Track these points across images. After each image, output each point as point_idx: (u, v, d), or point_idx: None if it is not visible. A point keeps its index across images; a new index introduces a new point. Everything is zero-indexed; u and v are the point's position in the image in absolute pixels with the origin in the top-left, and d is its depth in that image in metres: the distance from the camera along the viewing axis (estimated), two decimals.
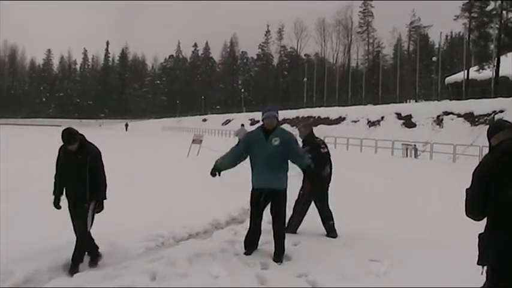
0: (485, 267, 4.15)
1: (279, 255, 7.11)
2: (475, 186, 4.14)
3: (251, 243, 7.45)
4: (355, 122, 54.18)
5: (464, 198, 4.33)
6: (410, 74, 78.01)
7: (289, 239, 8.14)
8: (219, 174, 7.52)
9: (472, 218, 4.26)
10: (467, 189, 4.34)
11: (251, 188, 7.44)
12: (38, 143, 38.60)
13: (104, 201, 6.72)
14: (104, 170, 6.74)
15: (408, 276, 6.41)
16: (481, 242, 4.15)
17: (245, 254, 7.31)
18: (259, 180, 7.34)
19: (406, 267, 6.77)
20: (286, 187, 7.38)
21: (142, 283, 6.01)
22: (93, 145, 6.77)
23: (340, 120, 57.75)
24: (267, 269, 6.69)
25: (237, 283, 6.01)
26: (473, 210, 4.19)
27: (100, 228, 8.24)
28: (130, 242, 7.85)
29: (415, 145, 33.99)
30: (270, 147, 7.21)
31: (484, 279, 4.19)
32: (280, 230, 7.31)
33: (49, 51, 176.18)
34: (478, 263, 4.17)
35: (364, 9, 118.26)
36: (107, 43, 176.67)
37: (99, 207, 6.73)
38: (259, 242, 7.55)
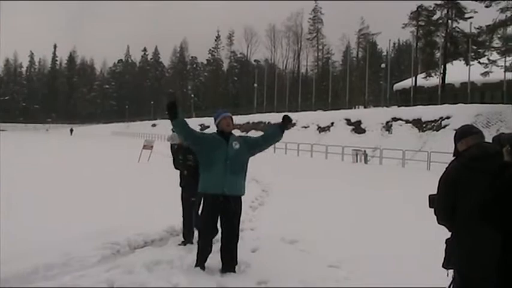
0: (451, 270, 4.20)
1: (229, 266, 6.69)
2: (443, 192, 4.17)
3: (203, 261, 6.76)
4: (305, 127, 54.44)
5: (428, 203, 4.37)
6: (360, 80, 79.11)
7: (247, 246, 8.13)
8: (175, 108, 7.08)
9: (444, 225, 4.29)
10: (430, 195, 4.37)
11: (202, 193, 6.85)
12: None
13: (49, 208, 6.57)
14: None
15: (368, 281, 6.43)
16: (448, 247, 4.19)
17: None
18: (217, 183, 6.62)
19: (365, 273, 6.79)
20: (243, 194, 6.93)
21: None
22: None
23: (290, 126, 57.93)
24: (228, 276, 6.59)
25: None
26: (444, 217, 4.23)
27: (51, 237, 8.14)
28: (84, 250, 7.62)
29: (365, 151, 34.40)
30: (231, 150, 6.72)
31: (448, 281, 4.24)
32: (233, 241, 6.75)
33: None
34: (443, 266, 4.21)
35: (314, 16, 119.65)
36: (55, 46, 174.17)
37: None
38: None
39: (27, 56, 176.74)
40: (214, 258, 6.84)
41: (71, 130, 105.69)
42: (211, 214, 6.75)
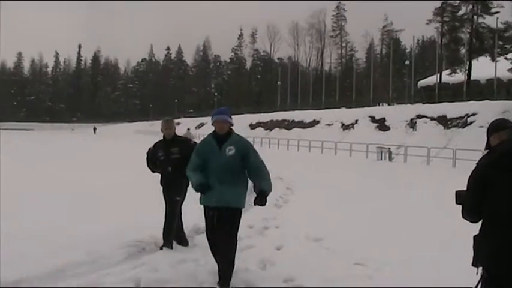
0: (480, 268, 4.10)
1: (222, 281, 6.14)
2: (471, 188, 4.09)
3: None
4: (329, 125, 54.30)
5: (455, 199, 4.28)
6: (383, 77, 78.66)
7: (272, 244, 8.10)
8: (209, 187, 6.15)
9: (468, 220, 4.20)
10: (457, 191, 4.29)
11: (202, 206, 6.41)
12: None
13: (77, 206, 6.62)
14: None
15: (394, 279, 6.36)
16: (475, 244, 4.10)
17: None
18: (210, 196, 6.15)
19: (391, 271, 6.72)
20: (243, 206, 6.31)
21: None
22: None
23: (314, 123, 57.80)
24: (253, 274, 6.59)
25: None
26: (469, 212, 4.14)
27: (77, 235, 8.21)
28: (110, 248, 7.72)
29: (389, 148, 34.16)
30: (223, 158, 6.13)
31: (477, 279, 4.16)
32: (227, 258, 6.19)
33: (20, 54, 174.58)
34: (473, 264, 4.13)
35: (337, 13, 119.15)
36: (79, 46, 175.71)
37: None
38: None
39: (53, 56, 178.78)
40: (238, 258, 6.81)
41: (94, 129, 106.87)
42: (210, 228, 6.31)
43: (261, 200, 6.09)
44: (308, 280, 6.25)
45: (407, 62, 72.43)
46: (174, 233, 7.91)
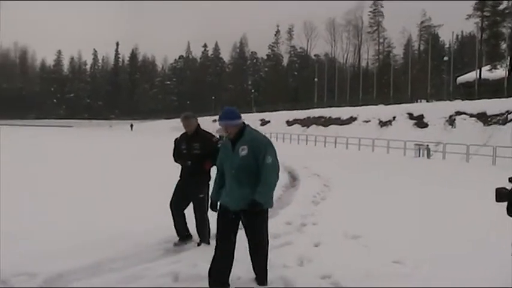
0: None
1: (259, 280, 6.10)
2: None
3: (217, 275, 5.91)
4: (366, 122, 54.01)
5: (495, 197, 4.26)
6: (421, 73, 77.79)
7: (309, 241, 8.13)
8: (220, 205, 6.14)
9: None
10: (497, 189, 4.27)
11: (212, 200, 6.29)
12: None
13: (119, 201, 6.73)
14: None
15: (432, 277, 6.33)
16: None
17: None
18: (226, 197, 6.00)
19: (430, 270, 6.68)
20: (268, 206, 6.06)
21: (166, 284, 6.00)
22: None
23: (351, 120, 57.56)
24: (291, 270, 6.61)
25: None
26: None
27: (115, 230, 8.36)
28: (149, 244, 7.86)
29: (427, 145, 33.80)
30: (236, 159, 5.88)
31: None
32: (258, 257, 6.12)
33: (59, 52, 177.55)
34: None
35: (374, 9, 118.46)
36: (117, 44, 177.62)
37: None
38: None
39: (91, 54, 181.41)
40: (275, 254, 6.85)
41: (131, 126, 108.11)
42: (223, 227, 6.04)
43: (252, 209, 5.80)
44: (345, 277, 6.22)
45: (445, 58, 71.64)
46: (208, 228, 7.90)
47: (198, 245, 7.83)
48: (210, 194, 6.41)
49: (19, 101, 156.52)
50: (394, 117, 50.19)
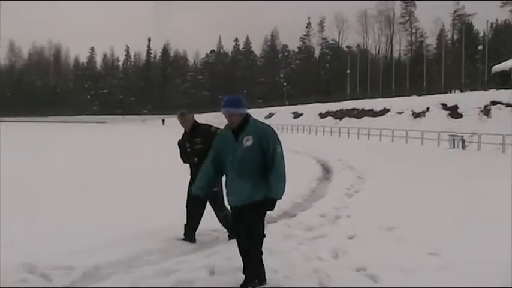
0: None
1: (246, 281, 5.69)
2: None
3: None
4: (399, 113, 53.54)
5: None
6: (455, 63, 76.93)
7: (344, 233, 8.12)
8: (202, 197, 6.15)
9: None
10: None
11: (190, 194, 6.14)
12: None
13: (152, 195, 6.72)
14: None
15: (468, 270, 6.28)
16: None
17: None
18: (229, 194, 5.74)
19: (465, 262, 6.62)
20: (276, 197, 5.62)
21: (201, 277, 6.03)
22: None
23: (384, 111, 57.12)
24: (325, 262, 6.61)
25: (296, 277, 5.98)
26: None
27: (149, 223, 8.46)
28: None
29: (462, 136, 33.40)
30: (240, 150, 5.51)
31: None
32: (249, 252, 5.70)
33: (92, 49, 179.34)
34: None
35: None
36: (149, 40, 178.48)
37: None
38: None
39: (123, 50, 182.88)
40: (307, 245, 6.84)
41: (163, 120, 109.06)
42: (235, 223, 5.88)
43: (267, 206, 5.58)
44: (380, 269, 6.19)
45: (480, 47, 70.78)
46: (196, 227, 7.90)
47: (229, 238, 7.75)
48: (193, 186, 5.99)
49: (54, 98, 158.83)
50: (427, 108, 49.68)
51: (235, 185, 5.58)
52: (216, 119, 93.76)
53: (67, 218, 9.12)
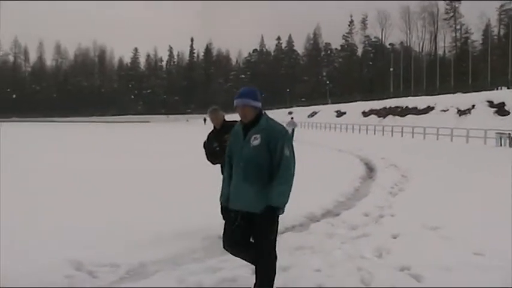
0: None
1: None
2: None
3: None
4: (444, 111, 52.91)
5: None
6: (502, 59, 75.51)
7: (387, 232, 8.07)
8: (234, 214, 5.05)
9: None
10: None
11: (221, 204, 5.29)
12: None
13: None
14: None
15: None
16: None
17: None
18: (232, 197, 5.06)
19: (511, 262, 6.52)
20: (280, 210, 4.90)
21: (244, 275, 6.04)
22: None
23: (428, 109, 56.51)
24: (369, 262, 6.58)
25: (339, 276, 5.96)
26: None
27: (193, 222, 8.54)
28: None
29: (509, 134, 32.75)
30: (246, 149, 4.94)
31: None
32: (261, 271, 5.03)
33: (136, 49, 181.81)
34: None
35: None
36: (192, 39, 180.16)
37: None
38: None
39: (167, 50, 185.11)
40: (350, 244, 6.81)
41: (204, 119, 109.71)
42: (230, 234, 5.12)
43: (266, 218, 4.81)
44: (425, 269, 6.12)
45: None
46: None
47: None
48: (221, 196, 5.27)
49: (98, 98, 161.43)
50: (473, 106, 49.00)
51: (240, 188, 4.96)
52: None
53: (111, 215, 9.29)
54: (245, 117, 5.00)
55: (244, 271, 6.15)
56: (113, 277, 6.20)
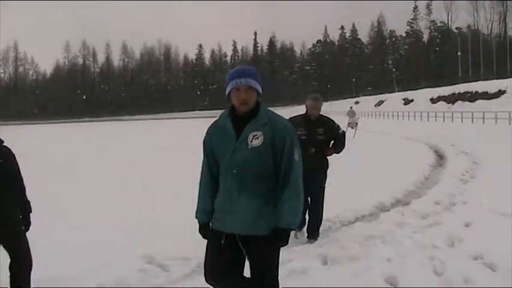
0: None
1: None
2: None
3: None
4: None
5: None
6: None
7: (460, 220, 7.94)
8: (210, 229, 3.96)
9: None
10: None
11: (198, 222, 4.11)
12: None
13: None
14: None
15: None
16: None
17: None
18: (221, 215, 3.84)
19: None
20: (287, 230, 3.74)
21: (315, 267, 6.06)
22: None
23: (499, 93, 55.02)
24: (441, 250, 6.49)
25: (410, 265, 5.89)
26: None
27: None
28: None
29: None
30: (242, 151, 3.69)
31: None
32: None
33: (200, 46, 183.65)
34: None
35: None
36: (255, 33, 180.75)
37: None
38: None
39: (231, 45, 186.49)
40: (422, 233, 6.74)
41: None
42: (215, 253, 3.91)
43: (275, 243, 3.74)
44: (498, 258, 5.96)
45: None
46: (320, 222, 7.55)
47: (312, 241, 7.30)
48: (197, 212, 4.09)
49: (165, 95, 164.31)
50: None
51: (233, 204, 3.73)
52: (329, 108, 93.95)
53: (179, 209, 9.48)
54: (247, 105, 3.81)
55: (315, 263, 6.21)
56: (184, 270, 6.32)
